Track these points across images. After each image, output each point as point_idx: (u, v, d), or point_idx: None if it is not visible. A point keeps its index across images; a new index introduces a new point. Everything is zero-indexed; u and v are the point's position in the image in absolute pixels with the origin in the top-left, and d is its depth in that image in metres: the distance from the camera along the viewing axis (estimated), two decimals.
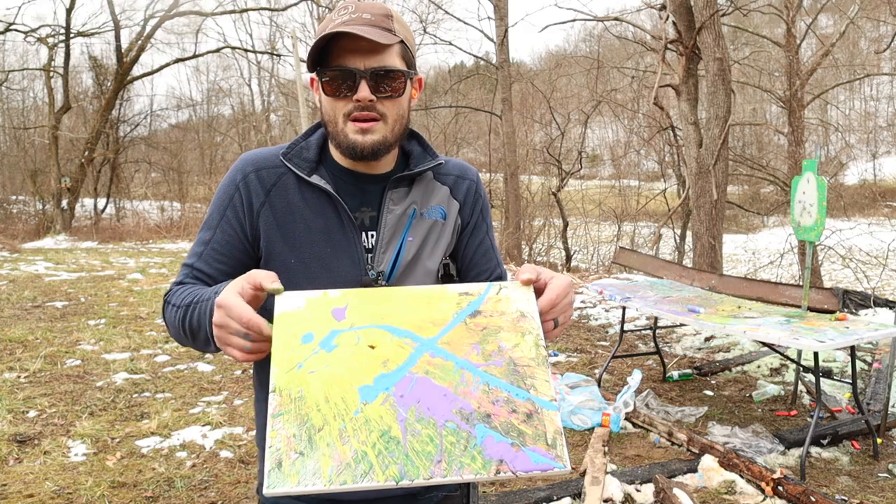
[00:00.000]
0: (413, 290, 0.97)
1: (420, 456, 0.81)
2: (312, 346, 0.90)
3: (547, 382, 0.88)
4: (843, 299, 5.28)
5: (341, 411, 0.84)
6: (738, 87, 10.72)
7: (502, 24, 13.66)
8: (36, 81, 23.70)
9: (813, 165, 4.21)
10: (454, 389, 0.87)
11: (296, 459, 0.81)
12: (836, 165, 19.29)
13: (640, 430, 4.09)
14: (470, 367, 0.89)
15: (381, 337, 0.91)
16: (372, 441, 0.82)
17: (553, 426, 0.85)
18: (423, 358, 0.89)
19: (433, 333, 0.92)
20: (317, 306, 0.94)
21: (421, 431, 0.83)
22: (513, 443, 0.83)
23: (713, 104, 8.19)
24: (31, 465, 3.50)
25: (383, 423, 0.84)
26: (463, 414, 0.85)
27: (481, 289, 0.97)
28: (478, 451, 0.82)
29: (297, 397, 0.86)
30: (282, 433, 0.83)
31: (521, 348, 0.91)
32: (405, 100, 1.16)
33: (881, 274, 9.42)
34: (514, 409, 0.86)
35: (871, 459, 3.63)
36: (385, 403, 0.85)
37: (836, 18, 14.93)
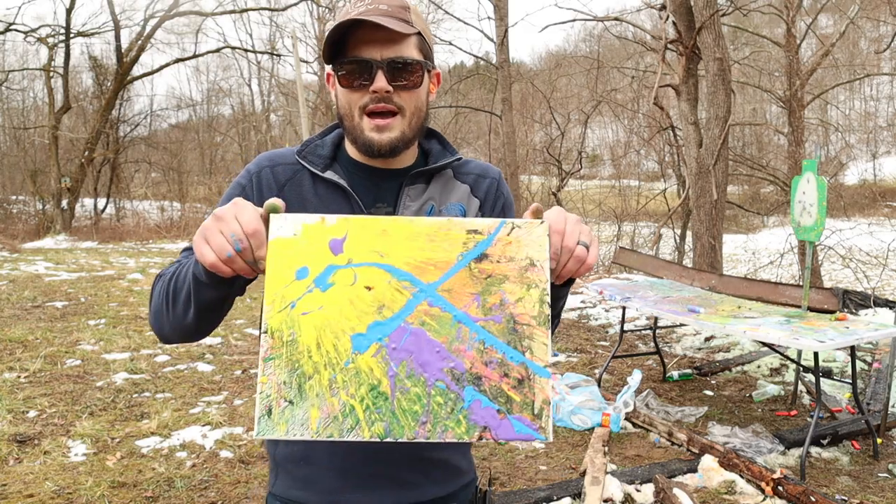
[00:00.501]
0: (417, 224, 0.89)
1: (406, 415, 0.82)
2: (307, 282, 0.86)
3: (544, 346, 0.85)
4: (843, 299, 5.28)
5: (332, 360, 0.83)
6: (738, 87, 10.72)
7: (502, 24, 13.66)
8: (36, 81, 23.72)
9: (813, 165, 4.21)
10: (448, 346, 0.85)
11: (285, 408, 0.82)
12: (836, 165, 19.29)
13: (640, 430, 4.09)
14: (468, 321, 0.86)
15: (380, 278, 0.86)
16: (361, 395, 0.82)
17: (542, 395, 0.83)
18: (421, 306, 0.85)
19: (434, 278, 0.87)
20: (313, 235, 0.88)
21: (410, 389, 0.82)
22: (499, 409, 0.83)
23: (713, 104, 8.19)
24: (31, 465, 3.50)
25: (373, 376, 0.83)
26: (454, 374, 0.83)
27: (491, 227, 0.89)
28: (464, 414, 0.82)
29: (288, 340, 0.84)
30: (273, 379, 0.83)
31: (524, 303, 0.86)
32: (423, 92, 1.14)
33: (881, 274, 9.41)
34: (506, 372, 0.84)
35: (871, 459, 3.63)
36: (377, 355, 0.83)
37: (836, 18, 14.93)
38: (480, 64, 19.13)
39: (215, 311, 1.03)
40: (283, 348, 0.84)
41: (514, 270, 0.88)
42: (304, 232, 0.88)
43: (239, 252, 0.87)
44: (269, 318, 0.85)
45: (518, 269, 0.88)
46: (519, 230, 0.89)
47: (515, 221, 0.89)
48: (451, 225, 0.89)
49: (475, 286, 0.87)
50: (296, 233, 0.88)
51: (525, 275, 0.88)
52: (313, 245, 0.88)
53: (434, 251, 0.88)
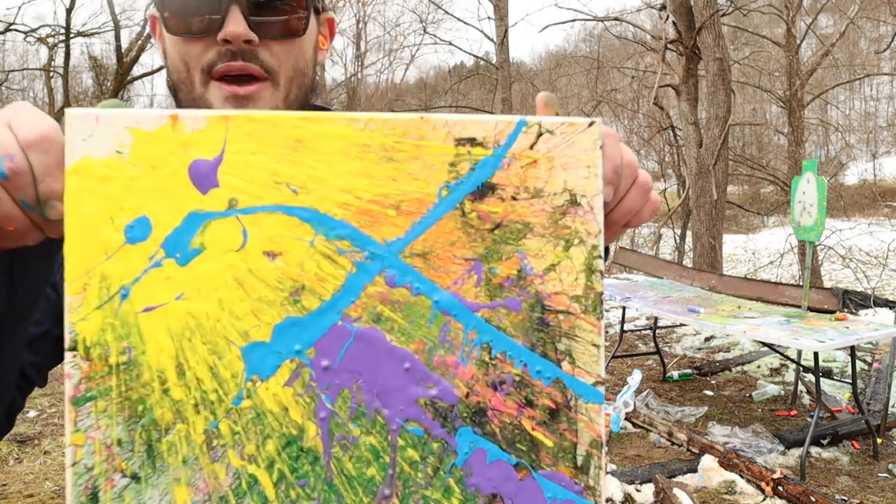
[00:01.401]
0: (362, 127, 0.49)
1: (354, 485, 0.48)
2: (150, 247, 0.46)
3: (595, 348, 0.51)
4: (843, 299, 5.28)
5: (210, 395, 0.47)
6: (738, 87, 10.73)
7: (502, 24, 13.67)
8: (36, 81, 23.73)
9: (813, 165, 4.21)
10: (426, 358, 0.49)
11: (124, 489, 0.46)
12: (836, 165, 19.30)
13: (641, 430, 4.09)
14: (460, 309, 0.49)
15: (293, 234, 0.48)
16: (268, 456, 0.47)
17: (590, 433, 0.51)
18: (374, 286, 0.48)
19: (397, 232, 0.49)
20: (159, 150, 0.47)
21: (358, 440, 0.48)
22: (518, 463, 0.49)
23: (713, 104, 8.19)
24: (31, 465, 3.50)
25: (289, 421, 0.47)
26: (438, 408, 0.49)
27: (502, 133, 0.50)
28: (457, 477, 0.49)
29: (121, 363, 0.46)
30: (96, 437, 0.47)
31: (559, 274, 0.50)
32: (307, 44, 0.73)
33: (881, 274, 9.42)
34: (529, 398, 0.50)
35: (871, 459, 3.63)
36: (294, 382, 0.47)
37: (836, 18, 14.94)
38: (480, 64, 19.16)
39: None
40: (110, 377, 0.46)
41: (543, 214, 0.50)
42: (139, 147, 0.46)
43: (3, 179, 0.45)
44: (79, 321, 0.46)
45: (549, 210, 0.50)
46: (552, 138, 0.50)
47: (545, 122, 0.50)
48: (429, 128, 0.49)
49: (473, 246, 0.50)
50: (121, 149, 0.46)
51: (562, 222, 0.50)
52: (159, 173, 0.47)
53: (396, 180, 0.49)
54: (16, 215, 0.45)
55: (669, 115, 10.92)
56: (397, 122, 0.49)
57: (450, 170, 0.49)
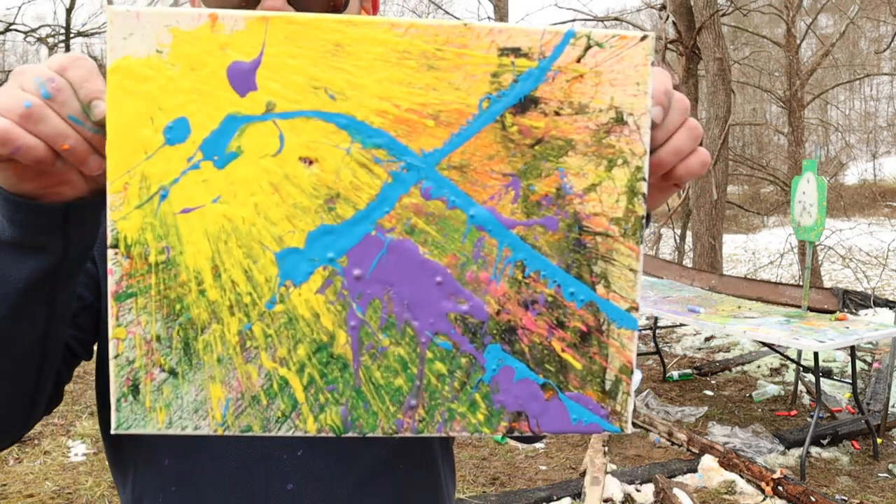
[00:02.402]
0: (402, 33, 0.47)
1: (381, 393, 0.49)
2: (188, 149, 0.47)
3: (632, 273, 0.49)
4: (843, 299, 5.28)
5: (244, 298, 0.48)
6: (738, 87, 10.73)
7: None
8: None
9: (813, 165, 4.21)
10: (458, 272, 0.49)
11: (163, 382, 0.48)
12: (836, 165, 19.30)
13: (641, 430, 4.09)
14: (496, 225, 0.49)
15: (330, 141, 0.47)
16: (299, 360, 0.48)
17: (621, 359, 0.50)
18: (409, 197, 0.48)
19: (435, 143, 0.48)
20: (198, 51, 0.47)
21: (387, 349, 0.49)
22: (545, 383, 0.49)
23: (713, 104, 8.19)
24: (31, 465, 3.50)
25: (320, 327, 0.48)
26: (468, 323, 0.49)
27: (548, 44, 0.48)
28: (483, 392, 0.49)
29: (160, 262, 0.47)
30: (136, 332, 0.47)
31: (600, 195, 0.49)
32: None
33: (881, 274, 9.42)
34: (561, 319, 0.49)
35: (871, 459, 3.63)
36: (326, 289, 0.48)
37: (836, 18, 14.95)
38: None
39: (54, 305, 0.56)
40: (150, 275, 0.47)
41: (587, 131, 0.48)
42: (179, 47, 0.46)
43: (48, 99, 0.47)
44: (120, 220, 0.47)
45: (594, 128, 0.48)
46: (600, 52, 0.48)
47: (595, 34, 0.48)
48: (472, 36, 0.48)
49: (512, 161, 0.48)
50: (161, 49, 0.46)
51: (606, 140, 0.49)
52: (198, 74, 0.47)
53: (436, 89, 0.48)
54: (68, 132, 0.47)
55: None
56: (440, 29, 0.47)
57: (492, 81, 0.48)
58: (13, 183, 0.50)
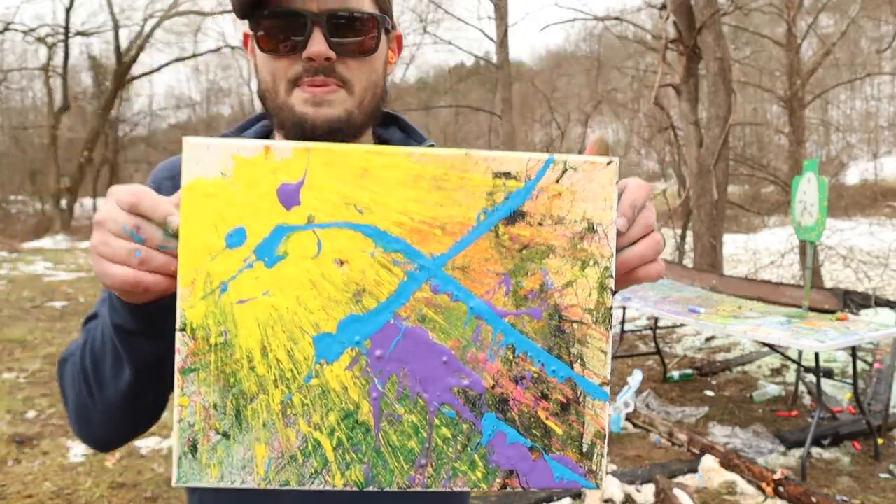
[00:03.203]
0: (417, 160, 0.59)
1: (397, 454, 0.58)
2: (244, 252, 0.58)
3: (602, 354, 0.59)
4: (844, 299, 5.27)
5: (287, 373, 0.58)
6: (739, 86, 10.72)
7: (502, 23, 13.66)
8: (35, 81, 23.71)
9: (814, 165, 4.20)
10: (460, 353, 0.59)
11: (217, 443, 0.57)
12: (836, 165, 19.28)
13: (641, 430, 4.08)
14: (491, 315, 0.59)
15: (358, 247, 0.58)
16: (329, 425, 0.58)
17: (595, 425, 0.59)
18: (421, 293, 0.59)
19: (442, 248, 0.59)
20: (254, 175, 0.58)
21: (402, 417, 0.58)
22: (533, 446, 0.59)
23: (714, 104, 8.18)
24: (31, 466, 3.49)
25: (348, 398, 0.58)
26: (468, 396, 0.58)
27: (532, 168, 0.60)
28: (481, 454, 0.58)
29: (219, 343, 0.57)
30: (197, 401, 0.57)
31: (575, 290, 0.59)
32: (379, 60, 0.82)
33: (882, 274, 9.41)
34: (544, 393, 0.59)
35: (872, 460, 3.62)
36: (353, 367, 0.58)
37: (837, 18, 14.93)
38: (480, 64, 19.15)
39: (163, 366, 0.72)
40: (210, 354, 0.58)
41: (564, 238, 0.60)
42: (239, 171, 0.58)
43: (142, 242, 0.59)
44: (189, 308, 0.57)
45: (570, 235, 0.60)
46: (574, 174, 0.59)
47: (570, 159, 0.60)
48: (471, 163, 0.59)
49: (504, 262, 0.59)
50: (224, 172, 0.58)
51: (579, 245, 0.60)
52: (254, 192, 0.58)
53: (443, 205, 0.59)
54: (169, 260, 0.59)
55: (670, 114, 10.91)
56: (446, 157, 0.59)
57: (487, 198, 0.59)
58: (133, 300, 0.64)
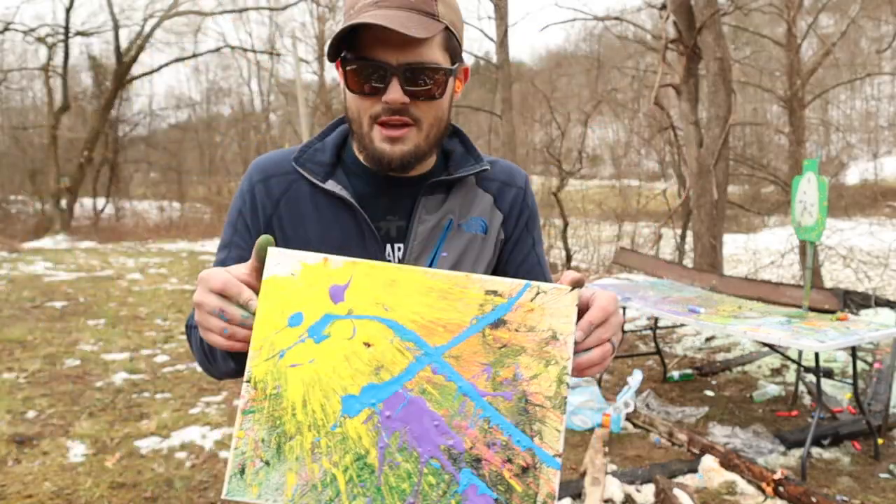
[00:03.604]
0: (430, 277, 0.80)
1: (393, 492, 0.74)
2: (300, 330, 0.78)
3: (557, 432, 0.75)
4: (844, 299, 5.27)
5: (318, 421, 0.76)
6: (739, 86, 10.71)
7: (502, 23, 13.66)
8: (35, 81, 23.69)
9: (814, 165, 4.20)
10: (448, 420, 0.76)
11: (260, 469, 0.75)
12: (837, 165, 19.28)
13: (641, 430, 4.08)
14: (474, 394, 0.77)
15: (382, 335, 0.78)
16: (345, 464, 0.75)
17: (547, 488, 0.74)
18: (424, 372, 0.77)
19: (442, 341, 0.78)
20: (314, 277, 0.80)
21: (400, 464, 0.74)
22: (497, 498, 0.74)
23: (714, 104, 8.18)
24: (30, 466, 3.49)
25: (361, 445, 0.75)
26: (451, 453, 0.75)
27: (514, 290, 0.79)
28: (457, 499, 0.73)
29: (272, 394, 0.77)
30: (251, 435, 0.76)
31: (539, 381, 0.77)
32: (446, 100, 0.98)
33: (882, 274, 9.40)
34: (510, 458, 0.75)
35: (873, 460, 3.62)
36: (368, 422, 0.76)
37: (837, 18, 14.92)
38: (480, 64, 19.13)
39: None
40: (265, 401, 0.77)
41: (533, 342, 0.78)
42: (304, 273, 0.80)
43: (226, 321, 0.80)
44: (255, 367, 0.78)
45: (538, 340, 0.78)
46: (544, 296, 0.79)
47: (542, 286, 0.79)
48: (470, 282, 0.80)
49: (487, 356, 0.78)
50: (293, 272, 0.80)
51: (545, 349, 0.78)
52: (312, 289, 0.80)
53: (446, 310, 0.79)
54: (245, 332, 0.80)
55: (670, 114, 10.91)
56: (452, 276, 0.80)
57: (479, 308, 0.79)
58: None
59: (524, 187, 1.14)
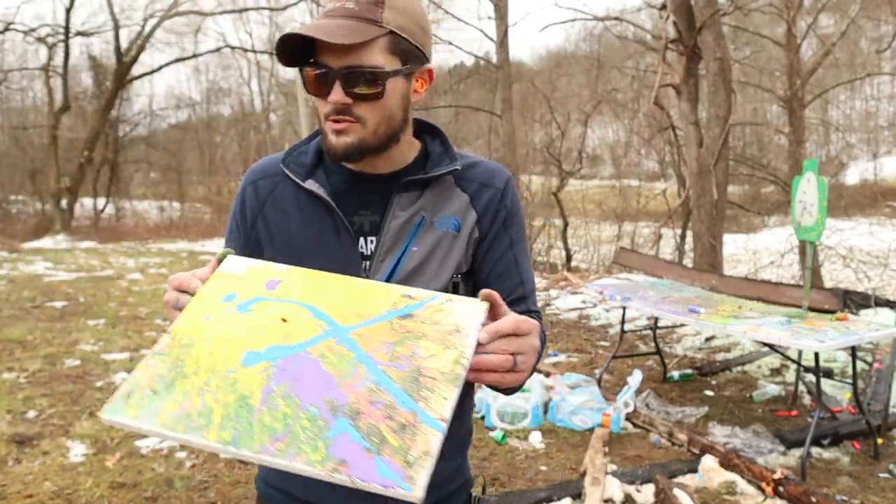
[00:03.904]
0: (357, 283, 0.90)
1: (263, 429, 0.73)
2: (230, 305, 0.87)
3: (445, 400, 0.75)
4: (843, 299, 5.27)
5: (216, 367, 0.79)
6: (739, 86, 10.71)
7: (502, 23, 13.66)
8: (35, 81, 23.67)
9: (814, 165, 4.20)
10: (339, 380, 0.77)
11: (146, 396, 0.77)
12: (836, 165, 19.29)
13: (641, 430, 4.08)
14: (370, 362, 0.79)
15: (299, 314, 0.85)
16: (226, 401, 0.76)
17: (424, 446, 0.71)
18: (327, 342, 0.81)
19: (353, 322, 0.84)
20: (256, 275, 0.91)
21: (280, 407, 0.75)
22: (368, 447, 0.71)
23: (713, 104, 8.18)
24: (31, 466, 3.49)
25: (248, 388, 0.77)
26: (333, 404, 0.75)
27: (428, 295, 0.87)
28: (326, 443, 0.72)
29: (185, 344, 0.82)
30: (151, 370, 0.80)
31: (436, 359, 0.79)
32: (391, 100, 1.03)
33: (882, 274, 9.41)
34: (390, 415, 0.74)
35: (872, 460, 3.62)
36: (262, 372, 0.78)
37: (836, 18, 14.92)
38: (480, 64, 19.13)
39: None
40: (176, 349, 0.82)
41: (437, 332, 0.82)
42: (248, 272, 0.92)
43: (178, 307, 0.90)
44: (178, 324, 0.85)
45: (441, 331, 0.82)
46: (455, 302, 0.86)
47: (454, 296, 0.87)
48: (391, 289, 0.89)
49: (391, 337, 0.82)
50: (240, 270, 0.92)
51: (447, 337, 0.81)
52: (252, 280, 0.91)
53: (363, 304, 0.86)
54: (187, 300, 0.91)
55: (670, 114, 10.92)
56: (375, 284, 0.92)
57: (392, 304, 0.87)
58: None
59: (503, 188, 1.16)
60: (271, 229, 1.14)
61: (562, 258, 15.67)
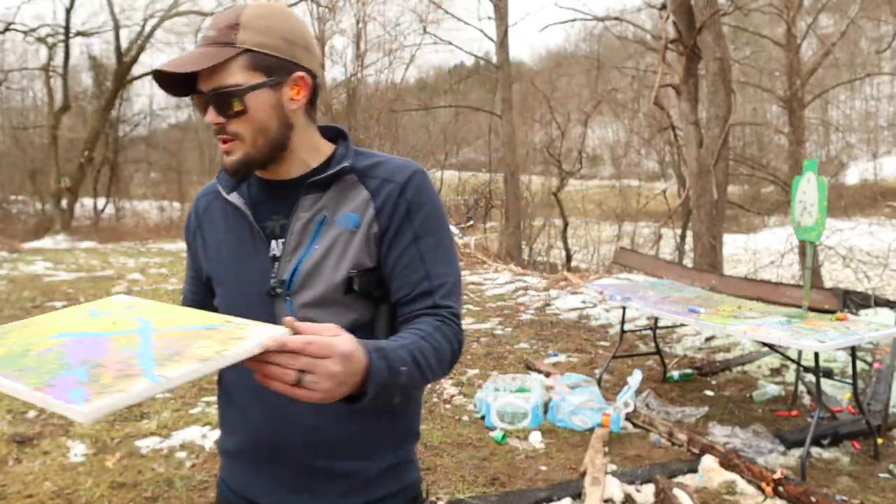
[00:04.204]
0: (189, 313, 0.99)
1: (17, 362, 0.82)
2: (87, 313, 0.99)
3: (178, 366, 0.79)
4: (843, 299, 5.28)
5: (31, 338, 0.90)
6: (739, 86, 10.71)
7: (502, 23, 13.66)
8: (35, 81, 23.65)
9: (814, 165, 4.20)
10: (109, 350, 0.84)
11: None
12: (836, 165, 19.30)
13: (641, 430, 4.08)
14: (147, 345, 0.85)
15: (129, 321, 0.94)
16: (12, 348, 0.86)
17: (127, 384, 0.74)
18: (129, 334, 0.90)
19: (163, 327, 0.92)
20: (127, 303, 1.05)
21: (47, 358, 0.83)
22: (82, 380, 0.75)
23: (713, 104, 8.18)
24: (31, 466, 3.50)
25: (37, 346, 0.86)
26: (86, 360, 0.81)
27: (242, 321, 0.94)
28: (52, 376, 0.77)
29: (27, 325, 0.95)
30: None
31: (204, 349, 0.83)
32: (259, 113, 1.09)
33: (882, 274, 9.41)
34: (123, 370, 0.78)
35: (872, 460, 3.62)
36: (56, 339, 0.88)
37: (836, 18, 14.92)
38: (480, 64, 19.13)
39: None
40: (17, 328, 0.95)
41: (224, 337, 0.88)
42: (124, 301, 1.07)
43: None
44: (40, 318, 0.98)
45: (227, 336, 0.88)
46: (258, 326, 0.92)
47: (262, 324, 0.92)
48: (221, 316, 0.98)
49: (186, 339, 0.87)
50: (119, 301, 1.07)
51: (228, 340, 0.86)
52: (119, 304, 1.04)
53: (186, 320, 0.95)
54: None
55: (670, 114, 10.92)
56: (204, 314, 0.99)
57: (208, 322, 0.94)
58: None
59: (403, 182, 1.15)
60: (207, 241, 1.25)
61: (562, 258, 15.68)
